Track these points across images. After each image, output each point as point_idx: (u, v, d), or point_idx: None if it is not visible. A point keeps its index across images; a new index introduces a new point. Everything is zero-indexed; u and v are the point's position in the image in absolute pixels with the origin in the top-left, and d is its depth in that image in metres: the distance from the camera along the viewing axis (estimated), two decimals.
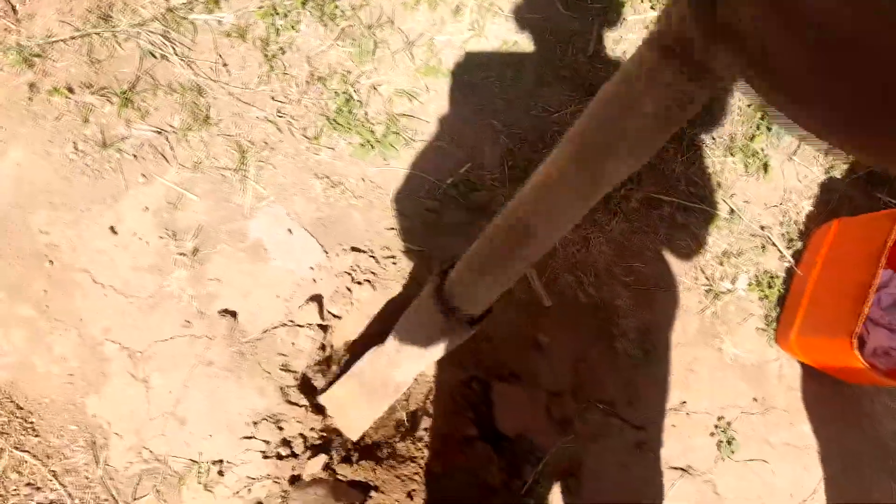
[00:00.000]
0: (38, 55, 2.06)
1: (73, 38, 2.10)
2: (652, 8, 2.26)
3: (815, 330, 1.86)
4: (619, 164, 0.87)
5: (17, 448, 1.75)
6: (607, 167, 0.88)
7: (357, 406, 1.67)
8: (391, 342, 1.49)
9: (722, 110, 2.17)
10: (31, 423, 1.78)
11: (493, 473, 1.73)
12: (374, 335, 1.86)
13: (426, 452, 1.75)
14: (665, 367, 1.97)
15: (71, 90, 2.03)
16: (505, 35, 2.23)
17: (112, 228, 1.91)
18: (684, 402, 1.96)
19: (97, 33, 2.10)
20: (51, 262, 1.88)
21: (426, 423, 1.79)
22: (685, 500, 1.88)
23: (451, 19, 2.24)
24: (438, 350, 1.39)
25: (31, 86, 2.03)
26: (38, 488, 1.73)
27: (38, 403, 1.79)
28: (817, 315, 1.88)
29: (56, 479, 1.74)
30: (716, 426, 1.95)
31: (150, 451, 1.76)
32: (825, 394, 2.01)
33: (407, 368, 1.53)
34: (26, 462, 1.75)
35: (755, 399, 1.99)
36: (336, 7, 2.20)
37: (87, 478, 1.75)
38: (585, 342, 1.95)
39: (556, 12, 2.27)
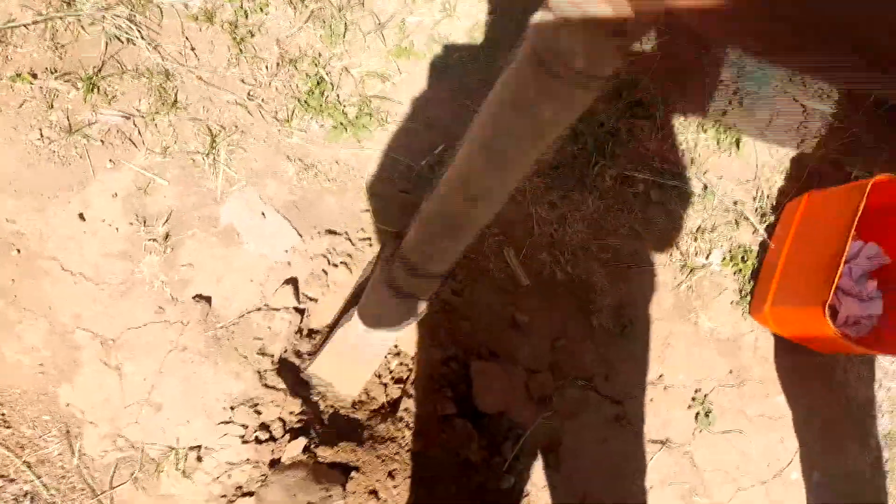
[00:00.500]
0: None
1: (35, 22, 2.05)
2: None
3: (789, 301, 1.89)
4: (523, 157, 0.92)
5: None
6: (513, 162, 0.94)
7: (347, 370, 1.71)
8: (357, 312, 1.53)
9: (693, 88, 2.18)
10: (3, 414, 1.74)
11: (474, 451, 1.73)
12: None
13: (406, 433, 1.75)
14: (642, 343, 1.99)
15: (34, 76, 1.98)
16: (477, 15, 2.22)
17: (80, 215, 1.87)
18: (661, 376, 1.97)
19: (60, 17, 2.05)
20: (18, 250, 1.84)
21: (406, 403, 1.79)
22: (664, 472, 1.90)
23: (422, 0, 2.22)
24: (404, 315, 1.45)
25: None
26: (12, 480, 1.70)
27: (8, 394, 1.76)
28: (790, 286, 1.91)
29: (30, 469, 1.71)
30: (693, 399, 1.97)
31: (126, 439, 1.73)
32: (799, 364, 2.04)
33: (379, 336, 1.58)
34: None
35: (731, 371, 2.01)
36: None
37: (62, 468, 1.72)
38: (563, 319, 1.96)
39: None
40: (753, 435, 1.97)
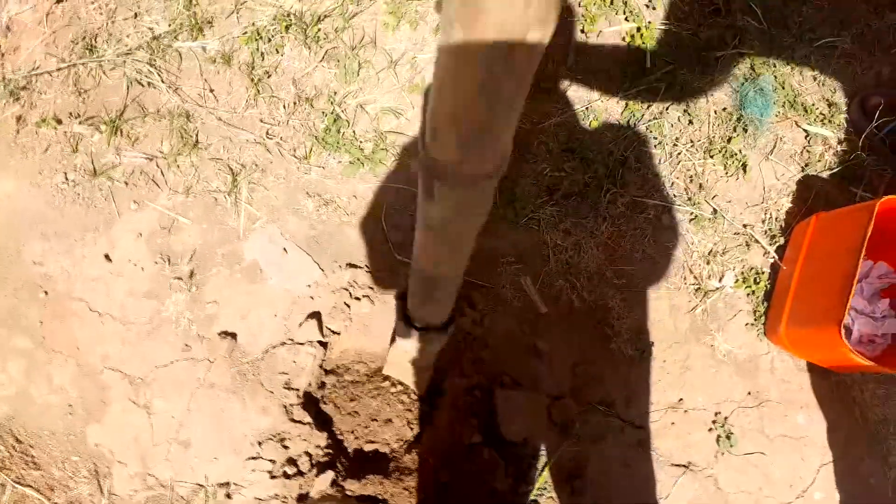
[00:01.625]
0: (23, 87, 2.07)
1: (58, 69, 2.11)
2: (626, 20, 2.33)
3: (803, 322, 1.92)
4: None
5: (18, 483, 1.73)
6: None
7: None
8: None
9: (697, 115, 2.24)
10: (32, 455, 1.76)
11: (501, 479, 1.75)
12: None
13: (433, 462, 1.76)
14: (660, 366, 2.01)
15: (59, 121, 2.04)
16: None
17: (106, 256, 1.91)
18: (681, 400, 2.00)
19: (83, 64, 2.12)
20: (45, 292, 1.87)
21: (430, 433, 1.81)
22: (689, 495, 1.91)
23: (433, 38, 2.29)
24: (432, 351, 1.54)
25: (19, 118, 2.04)
26: None
27: (37, 436, 1.78)
28: (804, 307, 1.94)
29: None
30: (713, 421, 1.99)
31: (155, 478, 1.75)
32: (816, 384, 2.06)
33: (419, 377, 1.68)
34: (28, 497, 1.73)
35: (749, 393, 2.03)
36: (319, 30, 2.24)
37: None
38: (582, 345, 1.99)
39: None
40: (775, 456, 1.99)
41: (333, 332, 1.90)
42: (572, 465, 1.87)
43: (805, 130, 2.28)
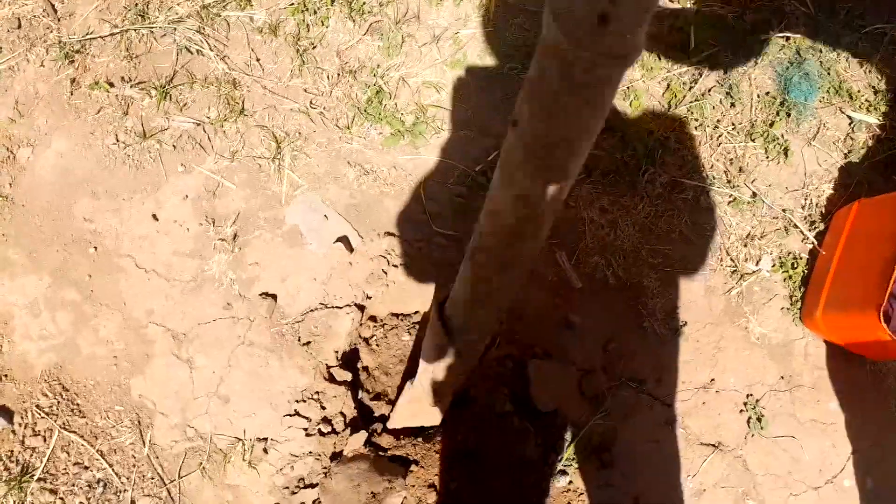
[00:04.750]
0: (78, 51, 2.14)
1: (111, 34, 2.17)
2: (671, 0, 2.32)
3: (841, 306, 1.90)
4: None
5: (65, 429, 1.79)
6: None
7: (421, 415, 1.70)
8: (419, 376, 1.48)
9: (740, 98, 2.22)
10: (78, 404, 1.82)
11: (531, 447, 1.77)
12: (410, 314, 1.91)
13: (463, 428, 1.79)
14: (693, 346, 2.01)
15: (111, 84, 2.10)
16: (526, 29, 2.29)
17: (154, 216, 1.96)
18: (713, 380, 2.00)
19: (135, 30, 2.17)
20: (94, 248, 1.93)
21: (461, 399, 1.83)
22: (717, 475, 1.92)
23: (476, 14, 2.30)
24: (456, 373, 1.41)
25: (73, 81, 2.10)
26: (86, 467, 1.78)
27: (83, 385, 1.84)
28: (842, 292, 1.93)
29: (103, 458, 1.78)
30: (745, 403, 1.98)
31: (195, 430, 1.80)
32: (851, 372, 2.05)
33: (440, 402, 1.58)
34: (73, 442, 1.79)
35: (782, 377, 2.03)
36: (363, 4, 2.27)
37: (133, 457, 1.79)
38: (615, 321, 2.00)
39: None
40: (806, 440, 1.98)
41: (370, 297, 1.93)
42: (601, 438, 1.88)
43: (849, 117, 2.25)
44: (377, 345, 1.88)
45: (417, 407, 1.61)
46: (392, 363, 1.87)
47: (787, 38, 2.28)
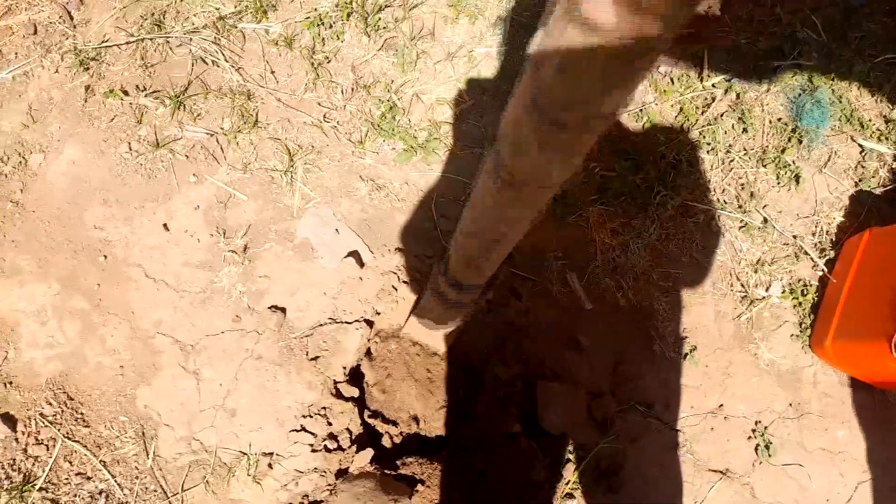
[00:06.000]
0: (93, 59, 2.14)
1: (127, 43, 2.17)
2: None
3: (851, 336, 1.90)
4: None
5: (68, 438, 1.78)
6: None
7: (430, 338, 1.83)
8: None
9: (752, 123, 2.23)
10: (82, 413, 1.81)
11: (538, 469, 1.75)
12: None
13: (471, 448, 1.77)
14: (702, 371, 2.00)
15: (125, 92, 2.10)
16: None
17: (165, 225, 1.96)
18: (721, 406, 1.99)
19: (151, 39, 2.18)
20: (104, 256, 1.92)
21: (469, 419, 1.82)
22: (724, 502, 1.90)
23: (490, 32, 2.31)
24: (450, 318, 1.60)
25: (87, 88, 2.10)
26: (89, 478, 1.76)
27: (88, 395, 1.83)
28: (852, 321, 1.92)
29: (106, 468, 1.76)
30: (753, 430, 1.97)
31: (200, 443, 1.78)
32: (860, 401, 2.04)
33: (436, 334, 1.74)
34: (76, 452, 1.77)
35: (791, 404, 2.02)
36: (379, 20, 2.28)
37: (136, 468, 1.77)
38: (625, 344, 1.99)
39: None
40: (813, 469, 1.97)
41: (380, 314, 1.92)
42: (609, 462, 1.86)
43: (860, 145, 2.26)
44: (384, 361, 1.87)
45: (424, 333, 1.80)
46: (399, 380, 1.85)
47: (800, 66, 2.29)
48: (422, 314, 1.74)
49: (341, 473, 1.76)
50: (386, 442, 1.75)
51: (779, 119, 2.26)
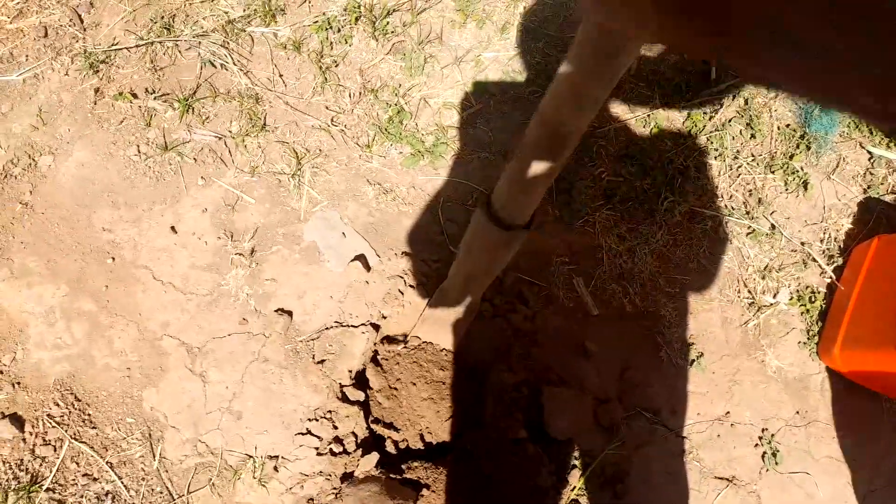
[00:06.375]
0: (103, 61, 2.15)
1: (137, 46, 2.18)
2: None
3: (859, 343, 1.89)
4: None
5: (75, 439, 1.78)
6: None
7: (442, 333, 1.81)
8: (455, 268, 1.58)
9: (760, 129, 2.22)
10: (89, 414, 1.81)
11: (544, 475, 1.75)
12: None
13: (476, 454, 1.77)
14: (709, 378, 2.00)
15: (134, 95, 2.11)
16: (548, 53, 2.31)
17: (172, 228, 1.96)
18: (728, 413, 1.98)
19: (160, 42, 2.19)
20: (112, 258, 1.93)
21: (475, 424, 1.82)
22: None
23: (498, 37, 2.32)
24: (501, 260, 1.48)
25: (97, 90, 2.11)
26: (95, 479, 1.76)
27: (95, 396, 1.83)
28: (861, 329, 1.91)
29: (112, 470, 1.77)
30: (760, 437, 1.96)
31: (206, 445, 1.79)
32: (868, 409, 2.03)
33: (474, 290, 1.66)
34: (83, 453, 1.78)
35: (798, 412, 2.01)
36: (387, 24, 2.28)
37: (143, 470, 1.77)
38: (631, 350, 1.98)
39: None
40: (820, 477, 1.96)
41: (386, 318, 1.92)
42: (615, 468, 1.86)
43: (869, 152, 2.25)
44: (390, 365, 1.87)
45: (437, 327, 1.78)
46: (405, 385, 1.85)
47: None
48: (439, 299, 1.71)
49: (346, 477, 1.76)
50: (390, 448, 1.75)
51: (787, 125, 2.25)
